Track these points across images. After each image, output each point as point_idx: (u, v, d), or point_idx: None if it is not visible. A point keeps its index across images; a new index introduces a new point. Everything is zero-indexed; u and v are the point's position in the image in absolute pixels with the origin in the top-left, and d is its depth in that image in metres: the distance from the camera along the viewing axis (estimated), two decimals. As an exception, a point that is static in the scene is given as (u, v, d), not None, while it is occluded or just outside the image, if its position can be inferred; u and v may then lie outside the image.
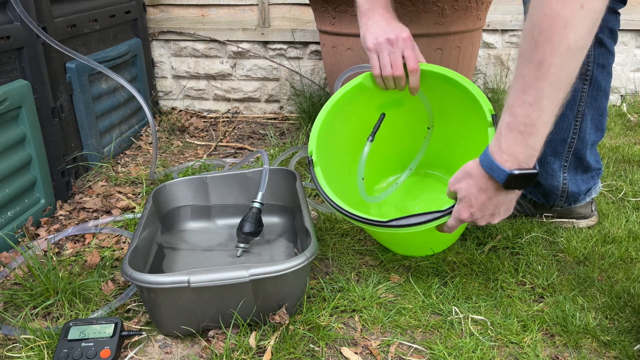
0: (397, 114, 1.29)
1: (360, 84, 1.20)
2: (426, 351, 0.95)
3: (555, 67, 0.72)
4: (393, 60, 1.10)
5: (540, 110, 0.76)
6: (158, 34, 2.36)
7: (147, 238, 1.15)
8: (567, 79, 0.74)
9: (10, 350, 0.97)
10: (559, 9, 0.69)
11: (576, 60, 0.73)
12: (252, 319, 0.99)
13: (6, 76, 1.34)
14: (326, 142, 1.21)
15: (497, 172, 0.83)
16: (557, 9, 0.69)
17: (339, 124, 1.24)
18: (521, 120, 0.77)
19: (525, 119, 0.77)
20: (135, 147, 2.03)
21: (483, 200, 0.89)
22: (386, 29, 1.09)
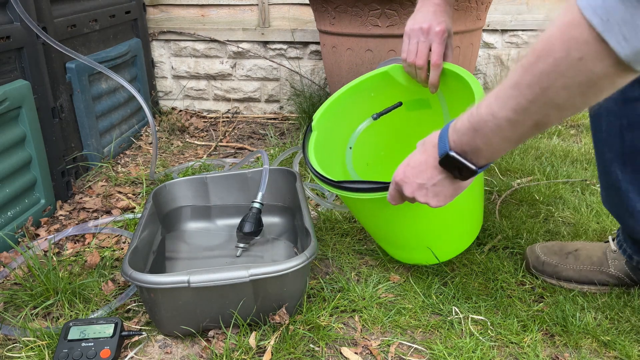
0: (420, 117, 1.26)
1: (385, 72, 1.20)
2: (426, 351, 0.95)
3: (527, 102, 0.63)
4: (419, 49, 1.08)
5: (498, 126, 0.68)
6: (158, 34, 2.36)
7: (147, 238, 1.15)
8: (533, 120, 0.65)
9: (10, 350, 0.97)
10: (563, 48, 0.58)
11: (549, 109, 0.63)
12: (252, 319, 0.99)
13: (6, 76, 1.34)
14: (337, 116, 1.22)
15: (441, 144, 0.77)
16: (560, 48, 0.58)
17: (356, 105, 1.24)
18: (479, 119, 0.70)
19: (481, 122, 0.70)
20: (135, 147, 2.03)
21: (419, 163, 0.82)
22: (428, 17, 1.07)
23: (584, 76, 0.56)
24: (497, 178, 1.64)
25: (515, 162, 1.74)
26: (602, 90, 0.58)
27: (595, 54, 0.54)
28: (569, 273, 1.11)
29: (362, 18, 1.57)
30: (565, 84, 0.58)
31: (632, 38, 0.52)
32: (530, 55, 0.61)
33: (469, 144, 0.73)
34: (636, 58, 0.53)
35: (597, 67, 0.55)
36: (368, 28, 1.57)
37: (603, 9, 0.52)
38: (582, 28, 0.54)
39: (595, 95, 0.59)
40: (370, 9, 1.54)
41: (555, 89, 0.59)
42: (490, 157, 0.73)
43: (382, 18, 1.54)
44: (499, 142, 0.69)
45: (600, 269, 1.09)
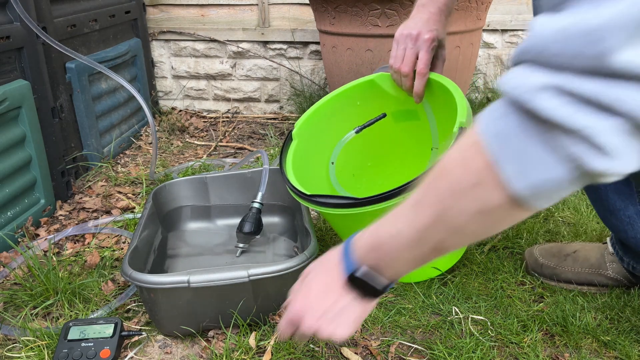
0: (408, 128, 1.22)
1: (372, 80, 1.17)
2: (426, 351, 0.95)
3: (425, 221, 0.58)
4: (406, 55, 1.05)
5: (398, 246, 0.61)
6: (158, 33, 2.36)
7: (147, 238, 1.14)
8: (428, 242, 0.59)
9: (10, 350, 0.96)
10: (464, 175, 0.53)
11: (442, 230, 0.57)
12: (252, 319, 0.99)
13: (6, 76, 1.33)
14: (321, 125, 1.18)
15: (346, 263, 0.67)
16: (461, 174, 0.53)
17: (341, 113, 1.21)
18: (380, 237, 0.63)
19: (382, 240, 0.63)
20: (135, 147, 2.03)
21: (322, 286, 0.70)
22: (419, 25, 1.04)
23: (480, 203, 0.51)
24: (497, 178, 1.63)
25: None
26: (500, 220, 0.54)
27: (492, 182, 0.49)
28: (568, 275, 1.11)
29: (362, 18, 1.57)
30: (463, 208, 0.53)
31: (525, 174, 0.47)
32: (432, 174, 0.56)
33: (374, 264, 0.65)
34: (531, 193, 0.48)
35: (492, 196, 0.50)
36: (368, 28, 1.57)
37: (500, 137, 0.48)
38: (480, 153, 0.50)
39: (493, 224, 0.54)
40: (370, 8, 1.54)
41: (454, 212, 0.54)
42: (393, 277, 0.66)
43: (382, 18, 1.54)
44: (400, 263, 0.63)
45: (599, 272, 1.09)
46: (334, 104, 1.20)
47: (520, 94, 0.44)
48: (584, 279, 1.10)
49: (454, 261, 1.14)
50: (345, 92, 1.20)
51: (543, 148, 0.44)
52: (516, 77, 0.44)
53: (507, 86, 0.46)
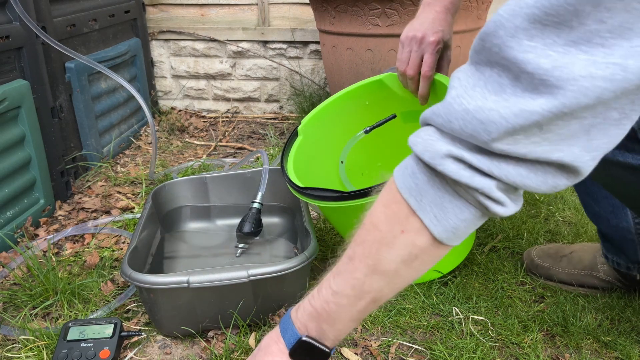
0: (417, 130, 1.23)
1: (380, 80, 1.16)
2: (426, 352, 0.95)
3: (362, 275, 0.62)
4: (411, 58, 1.04)
5: (339, 305, 0.65)
6: (157, 33, 2.35)
7: (146, 238, 1.14)
8: (370, 291, 0.63)
9: (9, 350, 0.96)
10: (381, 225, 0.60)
11: (384, 281, 0.62)
12: (251, 320, 0.99)
13: (5, 76, 1.33)
14: (329, 123, 1.18)
15: (287, 336, 0.69)
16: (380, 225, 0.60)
17: (350, 112, 1.20)
18: (321, 301, 0.66)
19: (323, 304, 0.66)
20: (134, 147, 2.03)
21: None
22: (424, 26, 1.03)
23: (408, 248, 0.58)
24: (498, 178, 1.63)
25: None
26: (426, 261, 0.61)
27: (416, 228, 0.57)
28: (561, 276, 1.11)
29: (362, 17, 1.57)
30: (393, 255, 0.59)
31: (441, 218, 0.56)
32: (361, 230, 0.62)
33: (316, 330, 0.67)
34: (448, 236, 0.57)
35: (418, 240, 0.58)
36: (368, 28, 1.57)
37: (416, 190, 0.56)
38: (401, 205, 0.58)
39: (420, 266, 0.61)
40: (371, 8, 1.54)
41: (386, 261, 0.60)
42: (336, 338, 0.69)
43: (383, 17, 1.54)
44: (342, 323, 0.66)
45: (591, 273, 1.08)
46: (342, 103, 1.21)
47: (429, 158, 0.54)
48: (577, 281, 1.09)
49: (456, 263, 1.13)
50: (354, 91, 1.20)
51: (453, 197, 0.55)
52: (425, 141, 0.54)
53: (417, 148, 0.55)
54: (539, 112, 0.45)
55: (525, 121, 0.46)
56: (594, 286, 1.09)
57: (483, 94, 0.48)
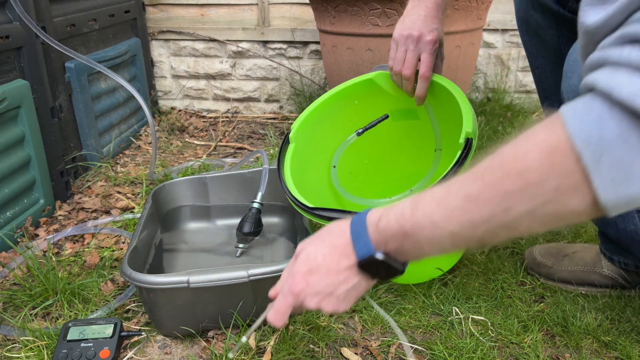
0: (407, 127, 1.21)
1: (370, 79, 1.15)
2: (426, 352, 0.95)
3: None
4: (407, 58, 1.01)
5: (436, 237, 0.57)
6: (157, 33, 2.35)
7: (146, 238, 1.14)
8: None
9: (9, 350, 0.96)
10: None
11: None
12: (251, 320, 0.99)
13: (5, 76, 1.33)
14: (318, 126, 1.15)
15: (360, 245, 0.63)
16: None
17: (339, 113, 1.19)
18: (413, 223, 0.58)
19: (415, 227, 0.58)
20: (134, 147, 2.03)
21: (328, 267, 0.65)
22: (418, 24, 1.00)
23: (554, 207, 0.48)
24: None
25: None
26: (566, 221, 0.50)
27: (575, 188, 0.46)
28: (563, 274, 1.11)
29: (362, 17, 1.57)
30: (531, 210, 0.49)
31: (620, 184, 0.44)
32: (496, 169, 0.51)
33: (395, 248, 0.61)
34: (616, 205, 0.45)
35: (571, 202, 0.47)
36: (368, 27, 1.57)
37: (598, 142, 0.43)
38: (568, 157, 0.45)
39: (557, 225, 0.51)
40: (370, 8, 1.54)
41: (517, 213, 0.50)
42: (418, 258, 0.62)
43: (382, 17, 1.54)
44: (432, 250, 0.59)
45: (594, 270, 1.08)
46: (332, 104, 1.19)
47: (628, 96, 0.40)
48: (578, 278, 1.09)
49: (455, 261, 1.14)
50: (343, 91, 1.18)
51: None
52: (621, 77, 0.41)
53: (621, 90, 0.41)
54: None
55: None
56: (596, 284, 1.08)
57: None
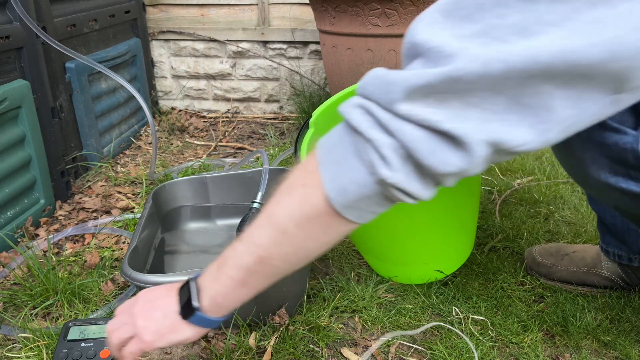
0: None
1: None
2: (426, 351, 0.95)
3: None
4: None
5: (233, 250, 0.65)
6: (158, 33, 2.35)
7: (146, 238, 1.14)
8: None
9: (9, 350, 0.96)
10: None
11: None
12: (251, 319, 0.99)
13: (5, 76, 1.33)
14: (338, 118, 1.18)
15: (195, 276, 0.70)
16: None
17: None
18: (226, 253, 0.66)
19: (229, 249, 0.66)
20: (134, 147, 2.03)
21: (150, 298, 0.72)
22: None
23: (302, 204, 0.58)
24: (498, 178, 1.64)
25: (515, 162, 1.74)
26: (317, 228, 0.59)
27: (314, 183, 0.56)
28: (562, 274, 1.11)
29: (362, 18, 1.57)
30: (287, 208, 0.59)
31: (336, 176, 0.55)
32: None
33: (207, 275, 0.68)
34: (337, 197, 0.55)
35: (312, 197, 0.57)
36: (368, 28, 1.57)
37: (327, 145, 0.57)
38: (313, 159, 0.58)
39: (310, 231, 0.59)
40: (370, 8, 1.54)
41: (279, 213, 0.60)
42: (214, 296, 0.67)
43: (382, 18, 1.54)
44: (229, 275, 0.65)
45: (594, 271, 1.08)
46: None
47: (343, 108, 0.56)
48: (578, 279, 1.09)
49: (458, 265, 1.13)
50: None
51: (352, 155, 0.54)
52: (347, 101, 0.56)
53: (340, 107, 0.57)
54: (433, 74, 0.48)
55: (422, 81, 0.48)
56: (596, 284, 1.08)
57: (395, 71, 0.52)
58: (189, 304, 0.67)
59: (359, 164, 0.54)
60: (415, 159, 0.51)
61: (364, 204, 0.56)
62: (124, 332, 0.72)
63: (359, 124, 0.53)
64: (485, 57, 0.46)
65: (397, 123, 0.50)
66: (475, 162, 0.51)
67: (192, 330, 0.70)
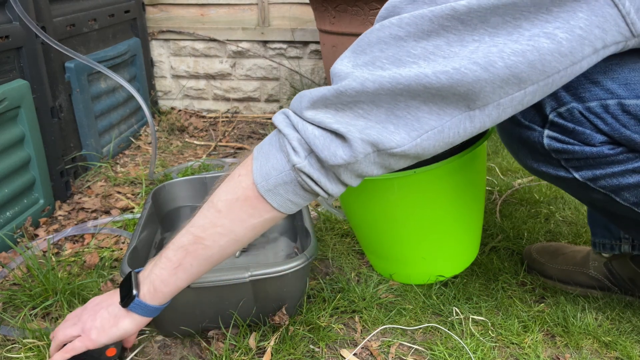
0: None
1: None
2: (427, 352, 0.94)
3: None
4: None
5: (177, 235, 0.79)
6: (157, 33, 2.35)
7: (146, 238, 1.14)
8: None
9: (9, 350, 0.96)
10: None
11: None
12: (251, 320, 0.98)
13: (5, 76, 1.33)
14: None
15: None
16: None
17: None
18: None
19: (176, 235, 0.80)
20: (134, 147, 2.03)
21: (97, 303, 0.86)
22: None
23: (236, 187, 0.73)
24: (498, 178, 1.63)
25: (516, 162, 1.74)
26: (244, 213, 0.73)
27: (247, 171, 0.72)
28: (553, 272, 1.11)
29: (362, 17, 1.56)
30: (223, 192, 0.75)
31: (263, 164, 0.71)
32: None
33: (149, 265, 0.81)
34: (261, 182, 0.71)
35: (244, 181, 0.72)
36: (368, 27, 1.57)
37: (261, 145, 0.73)
38: (250, 156, 0.74)
39: (239, 216, 0.73)
40: (371, 8, 1.53)
41: (217, 196, 0.75)
42: (155, 283, 0.80)
43: (382, 17, 1.54)
44: (168, 256, 0.79)
45: (582, 270, 1.08)
46: None
47: (274, 117, 0.72)
48: (567, 277, 1.10)
49: (461, 269, 1.13)
50: None
51: (276, 149, 0.70)
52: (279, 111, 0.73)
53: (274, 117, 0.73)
54: (327, 89, 0.65)
55: (320, 94, 0.65)
56: (584, 284, 1.09)
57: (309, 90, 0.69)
58: (129, 293, 0.79)
59: (279, 154, 0.69)
60: (315, 153, 0.66)
61: (282, 189, 0.70)
62: (71, 331, 0.83)
63: (279, 123, 0.69)
64: (362, 78, 0.62)
65: (302, 124, 0.67)
66: (359, 158, 0.65)
67: (132, 321, 0.81)
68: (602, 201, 0.81)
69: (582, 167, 0.77)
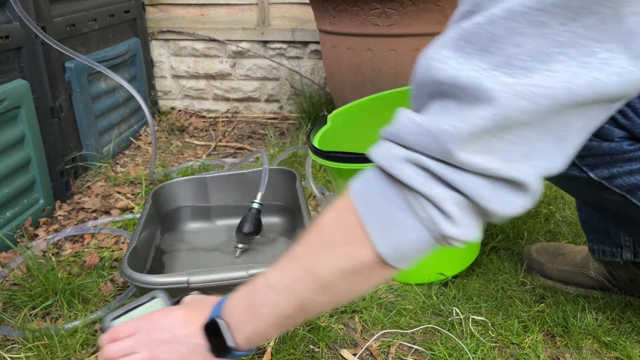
0: None
1: None
2: (427, 352, 0.94)
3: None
4: None
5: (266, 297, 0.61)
6: (157, 33, 2.35)
7: (146, 238, 1.14)
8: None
9: (9, 350, 0.96)
10: None
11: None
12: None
13: (5, 76, 1.33)
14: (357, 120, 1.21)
15: (216, 308, 0.65)
16: None
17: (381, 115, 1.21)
18: (253, 287, 0.63)
19: (254, 290, 0.63)
20: (134, 147, 2.02)
21: (178, 318, 0.66)
22: None
23: (350, 261, 0.54)
24: (498, 178, 1.63)
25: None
26: (368, 280, 0.57)
27: (360, 240, 0.53)
28: (553, 272, 1.11)
29: (362, 17, 1.56)
30: (333, 264, 0.55)
31: (387, 232, 0.51)
32: (309, 231, 0.58)
33: (237, 314, 0.63)
34: (391, 254, 0.52)
35: (360, 254, 0.53)
36: (368, 27, 1.57)
37: (368, 199, 0.53)
38: (351, 212, 0.53)
39: (361, 283, 0.57)
40: (371, 8, 1.53)
41: (322, 270, 0.56)
42: (250, 337, 0.63)
43: (383, 17, 1.54)
44: (265, 319, 0.61)
45: (582, 271, 1.08)
46: (376, 104, 1.23)
47: (387, 163, 0.50)
48: (567, 278, 1.10)
49: (461, 268, 1.13)
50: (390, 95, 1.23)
51: (403, 211, 0.50)
52: (382, 149, 0.51)
53: (375, 155, 0.52)
54: (485, 118, 0.44)
55: (475, 128, 0.45)
56: (582, 284, 1.09)
57: (431, 116, 0.48)
58: (223, 345, 0.64)
59: (413, 220, 0.50)
60: (479, 207, 0.49)
61: (416, 254, 0.54)
62: (131, 353, 0.66)
63: (409, 178, 0.48)
64: (527, 91, 0.43)
65: (457, 175, 0.47)
66: (536, 198, 0.50)
67: None
68: (615, 203, 0.76)
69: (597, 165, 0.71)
